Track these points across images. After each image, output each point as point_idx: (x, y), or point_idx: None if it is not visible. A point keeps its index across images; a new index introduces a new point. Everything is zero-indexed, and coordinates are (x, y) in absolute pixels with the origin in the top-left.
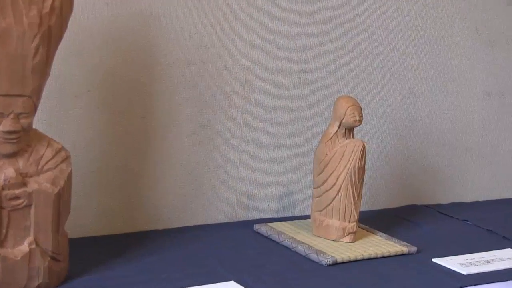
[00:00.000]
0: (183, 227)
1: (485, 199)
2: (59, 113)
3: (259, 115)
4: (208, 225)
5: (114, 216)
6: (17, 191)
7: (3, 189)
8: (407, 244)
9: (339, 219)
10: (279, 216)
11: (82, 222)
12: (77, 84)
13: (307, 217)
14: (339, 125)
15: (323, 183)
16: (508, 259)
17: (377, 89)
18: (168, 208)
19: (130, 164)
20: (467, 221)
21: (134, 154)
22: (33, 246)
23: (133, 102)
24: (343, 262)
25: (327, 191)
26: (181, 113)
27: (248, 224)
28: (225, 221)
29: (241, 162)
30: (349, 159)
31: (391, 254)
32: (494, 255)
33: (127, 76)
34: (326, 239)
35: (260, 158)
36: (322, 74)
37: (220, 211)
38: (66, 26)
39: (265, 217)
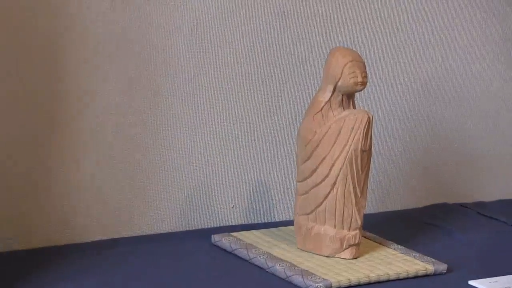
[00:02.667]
0: (109, 240)
1: None
2: None
3: (218, 78)
4: (146, 236)
5: (10, 227)
6: None
7: None
8: (434, 260)
9: (334, 226)
10: (248, 222)
11: None
12: None
13: (288, 223)
14: (334, 90)
15: (311, 174)
16: None
17: (388, 39)
18: (89, 215)
19: (33, 157)
20: None
21: (38, 143)
22: None
23: (31, 69)
24: None
25: (317, 185)
26: (101, 77)
27: (203, 234)
28: (170, 231)
29: (192, 147)
30: (349, 138)
31: (410, 275)
32: None
33: (19, 31)
34: (316, 254)
35: (220, 140)
36: (308, 18)
37: (163, 216)
38: None
39: (228, 224)
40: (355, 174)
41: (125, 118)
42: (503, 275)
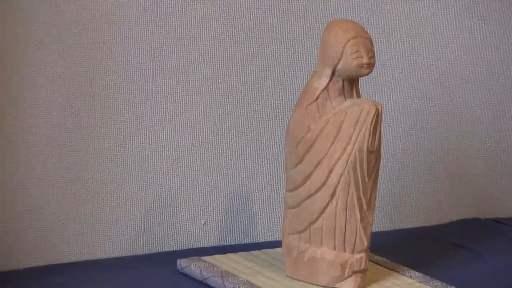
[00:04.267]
0: (47, 266)
1: None
2: None
3: (183, 60)
4: (94, 262)
5: None
6: None
7: None
8: None
9: (334, 248)
10: (224, 243)
11: None
12: None
13: (275, 244)
14: (332, 74)
15: (304, 182)
16: None
17: (402, 8)
18: (22, 237)
19: None
20: None
21: None
22: None
23: None
24: None
25: (311, 196)
26: (36, 71)
27: (166, 259)
28: (125, 255)
29: (152, 149)
30: (352, 136)
31: None
32: None
33: None
34: (311, 284)
35: (187, 140)
36: None
37: (116, 236)
38: None
39: (198, 246)
40: (360, 181)
41: (67, 118)
42: None
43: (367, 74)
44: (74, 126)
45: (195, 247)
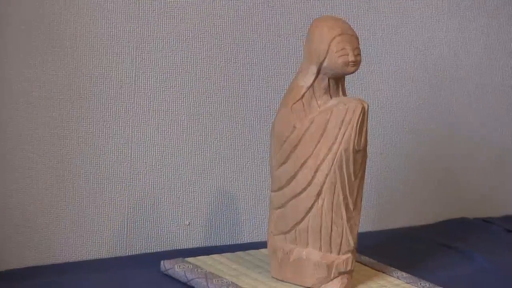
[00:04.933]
0: (26, 268)
1: None
2: None
3: (165, 58)
4: (74, 264)
5: None
6: None
7: None
8: None
9: (320, 248)
10: (209, 244)
11: None
12: None
13: (260, 245)
14: (318, 72)
15: (290, 182)
16: None
17: (389, 4)
18: (4, 238)
19: None
20: None
21: None
22: None
23: None
24: None
25: (296, 196)
26: (13, 68)
27: (150, 260)
28: (107, 256)
29: (135, 149)
30: (337, 135)
31: None
32: None
33: None
34: (297, 285)
35: (170, 140)
36: None
37: (97, 238)
38: None
39: (182, 247)
40: (346, 181)
41: (49, 119)
42: None
43: (353, 72)
44: (55, 127)
45: (179, 248)
